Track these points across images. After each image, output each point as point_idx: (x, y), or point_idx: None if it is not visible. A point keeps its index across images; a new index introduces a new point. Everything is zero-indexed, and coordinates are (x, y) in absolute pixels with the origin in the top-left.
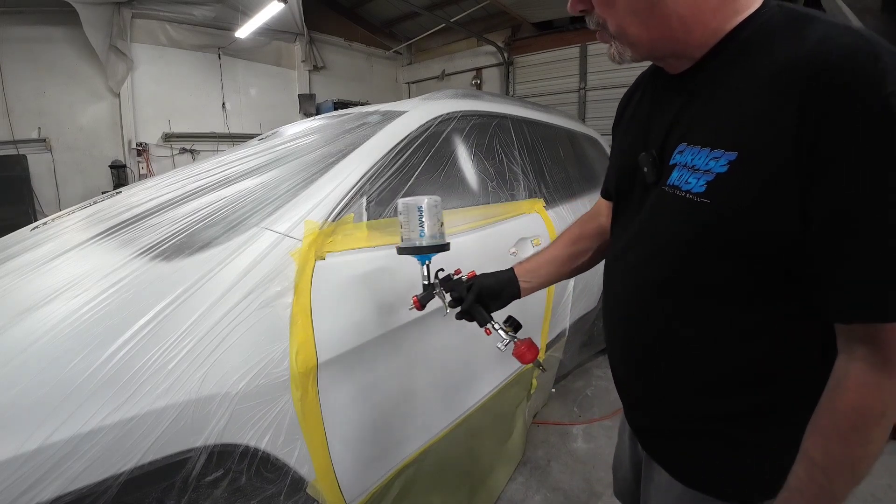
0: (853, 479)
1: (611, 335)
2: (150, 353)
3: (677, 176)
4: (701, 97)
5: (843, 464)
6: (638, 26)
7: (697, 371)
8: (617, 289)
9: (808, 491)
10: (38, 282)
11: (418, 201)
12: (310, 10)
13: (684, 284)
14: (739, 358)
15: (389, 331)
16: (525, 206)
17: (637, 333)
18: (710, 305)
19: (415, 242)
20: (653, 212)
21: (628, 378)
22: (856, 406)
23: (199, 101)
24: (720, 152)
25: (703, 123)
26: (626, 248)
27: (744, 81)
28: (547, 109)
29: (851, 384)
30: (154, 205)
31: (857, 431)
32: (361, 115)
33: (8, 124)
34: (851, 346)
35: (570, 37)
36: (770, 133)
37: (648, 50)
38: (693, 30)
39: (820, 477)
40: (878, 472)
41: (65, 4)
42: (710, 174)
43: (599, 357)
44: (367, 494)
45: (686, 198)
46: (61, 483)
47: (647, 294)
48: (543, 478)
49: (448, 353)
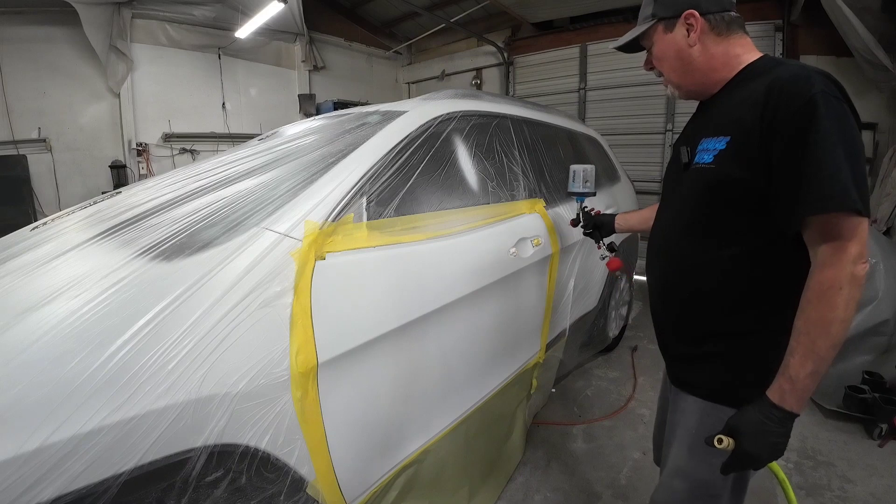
0: (830, 339)
1: (652, 274)
2: (150, 353)
3: (698, 157)
4: (713, 113)
5: (818, 324)
6: (678, 77)
7: (711, 292)
8: (659, 240)
9: (797, 353)
10: (38, 282)
11: (574, 168)
12: (310, 10)
13: (705, 227)
14: (738, 281)
15: (389, 331)
16: (525, 206)
17: (669, 266)
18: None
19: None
20: (685, 184)
21: (666, 307)
22: (820, 281)
23: (199, 101)
24: (722, 138)
25: (713, 125)
26: (669, 210)
27: (734, 99)
28: (547, 109)
29: (815, 271)
30: (154, 205)
31: (823, 298)
32: (361, 115)
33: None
34: (815, 251)
35: (570, 37)
36: (748, 121)
37: (686, 92)
38: (710, 77)
39: (804, 339)
40: (879, 471)
41: (65, 4)
42: (715, 151)
43: (599, 357)
44: (367, 494)
45: (701, 168)
46: (61, 483)
47: (677, 236)
48: (543, 478)
49: (448, 353)
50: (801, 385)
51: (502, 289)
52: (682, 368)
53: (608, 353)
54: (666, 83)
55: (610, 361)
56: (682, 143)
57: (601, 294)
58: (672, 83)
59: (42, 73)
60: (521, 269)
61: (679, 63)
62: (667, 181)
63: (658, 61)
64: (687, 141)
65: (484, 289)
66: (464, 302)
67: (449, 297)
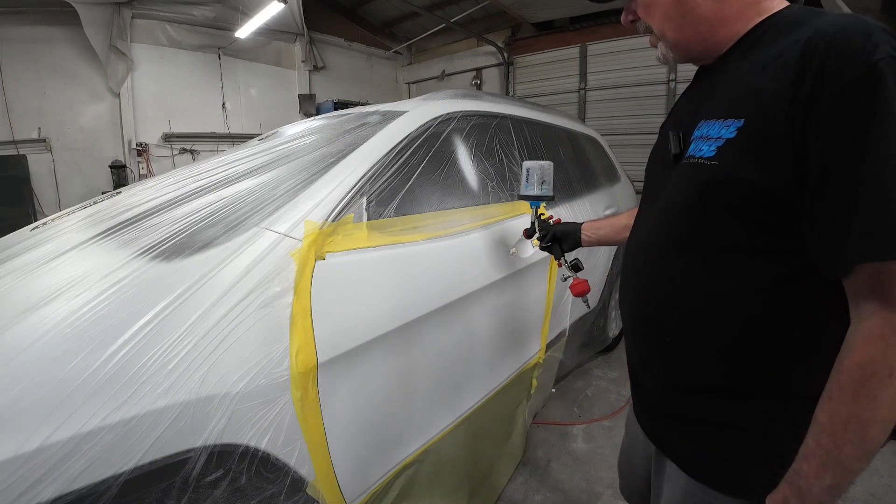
0: (862, 446)
1: (624, 300)
2: (150, 353)
3: (694, 147)
4: (718, 83)
5: (850, 426)
6: (674, 30)
7: (702, 333)
8: (634, 255)
9: (814, 458)
10: (38, 282)
11: (528, 165)
12: (310, 11)
13: (695, 242)
14: (744, 322)
15: (389, 331)
16: (525, 206)
17: (647, 293)
18: (716, 263)
19: (528, 192)
20: (672, 183)
21: (640, 346)
22: (862, 362)
23: (199, 102)
24: (731, 121)
25: (717, 101)
26: (648, 218)
27: (750, 64)
28: (547, 109)
29: (858, 340)
30: (154, 205)
31: (864, 389)
32: (361, 115)
33: (8, 124)
34: (859, 306)
35: (570, 37)
36: (772, 98)
37: (683, 51)
38: (718, 31)
39: (827, 441)
40: (879, 471)
41: (65, 4)
42: (720, 140)
43: (599, 357)
44: (367, 494)
45: (699, 163)
46: (61, 483)
47: (659, 253)
48: (543, 478)
49: (448, 353)
50: (813, 501)
51: (502, 289)
52: (661, 427)
53: (608, 353)
54: (655, 42)
55: (610, 361)
56: (671, 125)
57: (601, 294)
58: (666, 40)
59: (42, 73)
60: (522, 269)
61: (676, 11)
62: (649, 176)
63: (645, 10)
64: (679, 124)
65: (484, 289)
66: (464, 302)
67: (449, 297)
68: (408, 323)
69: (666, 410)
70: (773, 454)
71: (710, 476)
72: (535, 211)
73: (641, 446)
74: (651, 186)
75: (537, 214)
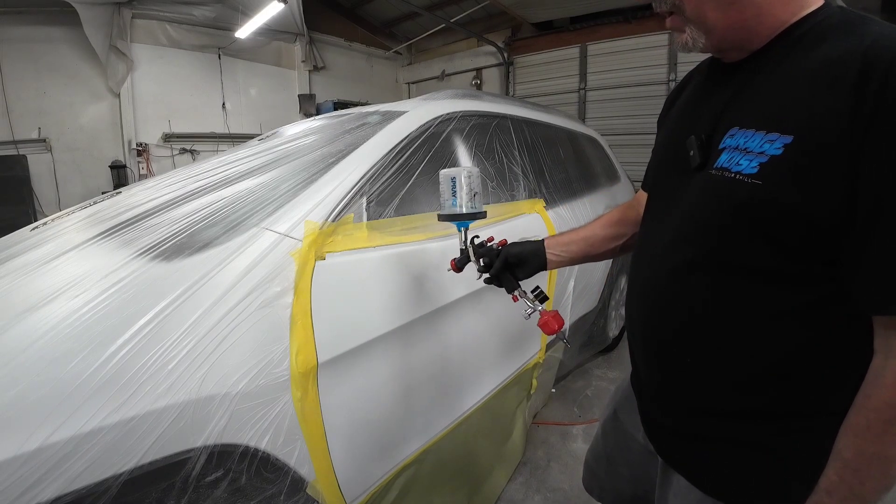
0: (885, 482)
1: (635, 322)
2: (150, 353)
3: (727, 158)
4: (753, 85)
5: (875, 464)
6: (716, 11)
7: (725, 358)
8: (647, 273)
9: (837, 492)
10: (38, 282)
11: (451, 173)
12: (310, 11)
13: (720, 264)
14: (769, 347)
15: (389, 331)
16: (525, 206)
17: (665, 316)
18: (742, 286)
19: (452, 210)
20: (694, 194)
21: (651, 366)
22: (891, 402)
23: (199, 102)
24: (775, 135)
25: (756, 108)
26: (661, 231)
27: (796, 70)
28: (547, 109)
29: (889, 380)
30: (154, 205)
31: (891, 427)
32: (361, 115)
33: (8, 124)
34: (890, 342)
35: (570, 37)
36: (825, 119)
37: (720, 38)
38: (764, 19)
39: (850, 477)
40: None
41: (65, 4)
42: (763, 156)
43: (599, 357)
44: (367, 494)
45: (736, 179)
46: (61, 483)
47: (681, 273)
48: (543, 478)
49: (448, 353)
50: None
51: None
52: (673, 443)
53: (608, 353)
54: (680, 24)
55: (610, 361)
56: (685, 124)
57: (601, 294)
58: (703, 23)
59: (42, 73)
60: None
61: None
62: (660, 182)
63: None
64: (696, 125)
65: (484, 289)
66: (464, 302)
67: (449, 297)
68: (408, 323)
69: (683, 430)
70: (791, 473)
71: (729, 496)
72: (464, 233)
73: (634, 456)
74: (664, 195)
75: (468, 239)
